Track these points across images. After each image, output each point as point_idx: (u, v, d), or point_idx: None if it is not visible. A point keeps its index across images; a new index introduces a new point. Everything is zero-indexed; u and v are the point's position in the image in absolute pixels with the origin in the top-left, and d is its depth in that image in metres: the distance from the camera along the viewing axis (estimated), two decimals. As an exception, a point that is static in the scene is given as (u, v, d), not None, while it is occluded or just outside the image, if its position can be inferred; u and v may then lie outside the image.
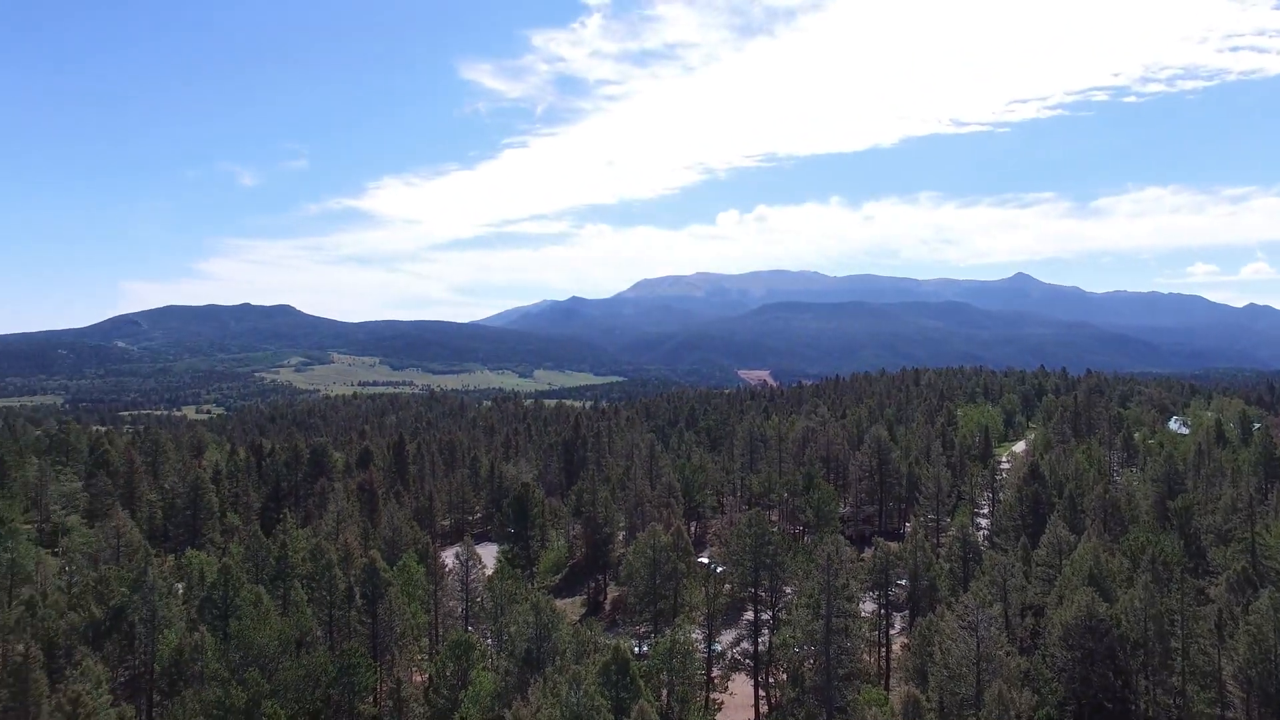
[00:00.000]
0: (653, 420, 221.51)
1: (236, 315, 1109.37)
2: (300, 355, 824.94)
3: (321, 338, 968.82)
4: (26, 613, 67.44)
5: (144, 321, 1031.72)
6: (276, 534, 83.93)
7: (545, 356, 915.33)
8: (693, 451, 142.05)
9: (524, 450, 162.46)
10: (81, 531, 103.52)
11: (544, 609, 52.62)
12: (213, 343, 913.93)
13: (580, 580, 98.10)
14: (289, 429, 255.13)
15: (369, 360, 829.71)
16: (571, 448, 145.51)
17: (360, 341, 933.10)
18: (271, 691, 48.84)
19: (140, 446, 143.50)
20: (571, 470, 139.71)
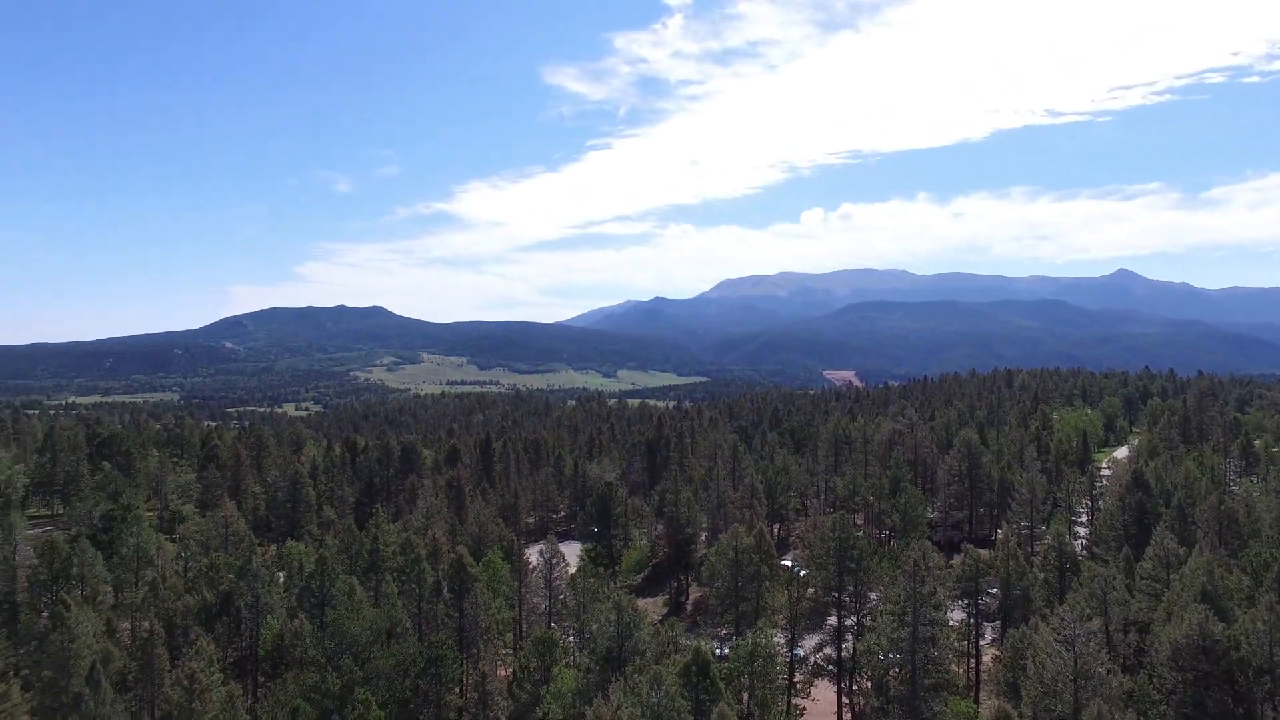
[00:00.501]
0: (736, 421, 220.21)
1: (333, 317, 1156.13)
2: (392, 355, 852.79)
3: (412, 338, 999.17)
4: (150, 593, 72.13)
5: (249, 323, 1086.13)
6: (369, 528, 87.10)
7: (629, 356, 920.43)
8: (776, 453, 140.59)
9: (607, 450, 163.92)
10: (195, 520, 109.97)
11: (626, 608, 52.97)
12: (311, 343, 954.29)
13: (662, 580, 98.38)
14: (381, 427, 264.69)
15: (457, 360, 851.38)
16: (654, 448, 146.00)
17: (449, 342, 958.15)
18: (364, 679, 50.79)
19: (245, 442, 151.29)
20: (654, 470, 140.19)
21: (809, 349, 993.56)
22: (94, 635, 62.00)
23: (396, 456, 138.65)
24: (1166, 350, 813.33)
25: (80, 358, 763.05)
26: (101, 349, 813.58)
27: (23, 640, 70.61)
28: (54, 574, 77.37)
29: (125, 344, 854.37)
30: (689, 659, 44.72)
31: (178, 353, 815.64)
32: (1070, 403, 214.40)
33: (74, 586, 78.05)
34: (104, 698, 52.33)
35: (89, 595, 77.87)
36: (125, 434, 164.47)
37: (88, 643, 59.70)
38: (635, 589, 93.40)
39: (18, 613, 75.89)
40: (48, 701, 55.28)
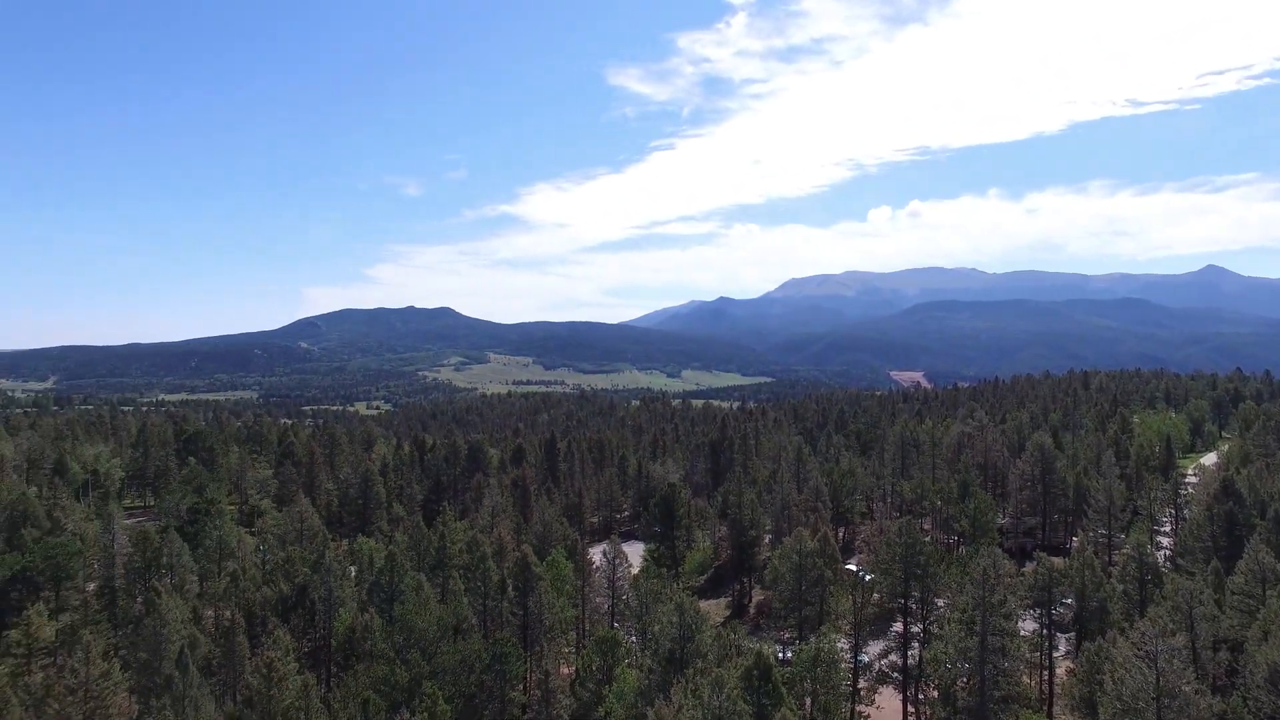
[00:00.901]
0: (801, 422, 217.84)
1: (402, 317, 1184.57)
2: (459, 355, 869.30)
3: (479, 338, 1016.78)
4: (231, 584, 75.47)
5: (323, 324, 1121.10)
6: (437, 525, 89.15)
7: (693, 357, 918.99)
8: (841, 455, 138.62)
9: (671, 450, 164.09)
10: (272, 514, 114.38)
11: (688, 610, 53.05)
12: (381, 343, 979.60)
13: (725, 582, 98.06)
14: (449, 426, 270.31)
15: (523, 360, 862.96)
16: (718, 449, 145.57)
17: (515, 342, 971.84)
18: (431, 673, 52.04)
19: (320, 440, 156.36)
20: (718, 471, 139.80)
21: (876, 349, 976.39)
22: (182, 622, 65.18)
23: (463, 455, 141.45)
24: (1261, 350, 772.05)
25: (169, 358, 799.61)
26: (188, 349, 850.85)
27: (121, 623, 74.67)
28: (146, 562, 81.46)
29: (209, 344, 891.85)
30: (751, 662, 44.56)
31: (257, 353, 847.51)
32: (1152, 406, 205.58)
33: (164, 575, 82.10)
34: (191, 680, 54.94)
35: (177, 584, 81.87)
36: (209, 431, 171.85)
37: (177, 628, 62.80)
38: (698, 590, 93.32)
39: (116, 597, 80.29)
40: (143, 681, 58.29)
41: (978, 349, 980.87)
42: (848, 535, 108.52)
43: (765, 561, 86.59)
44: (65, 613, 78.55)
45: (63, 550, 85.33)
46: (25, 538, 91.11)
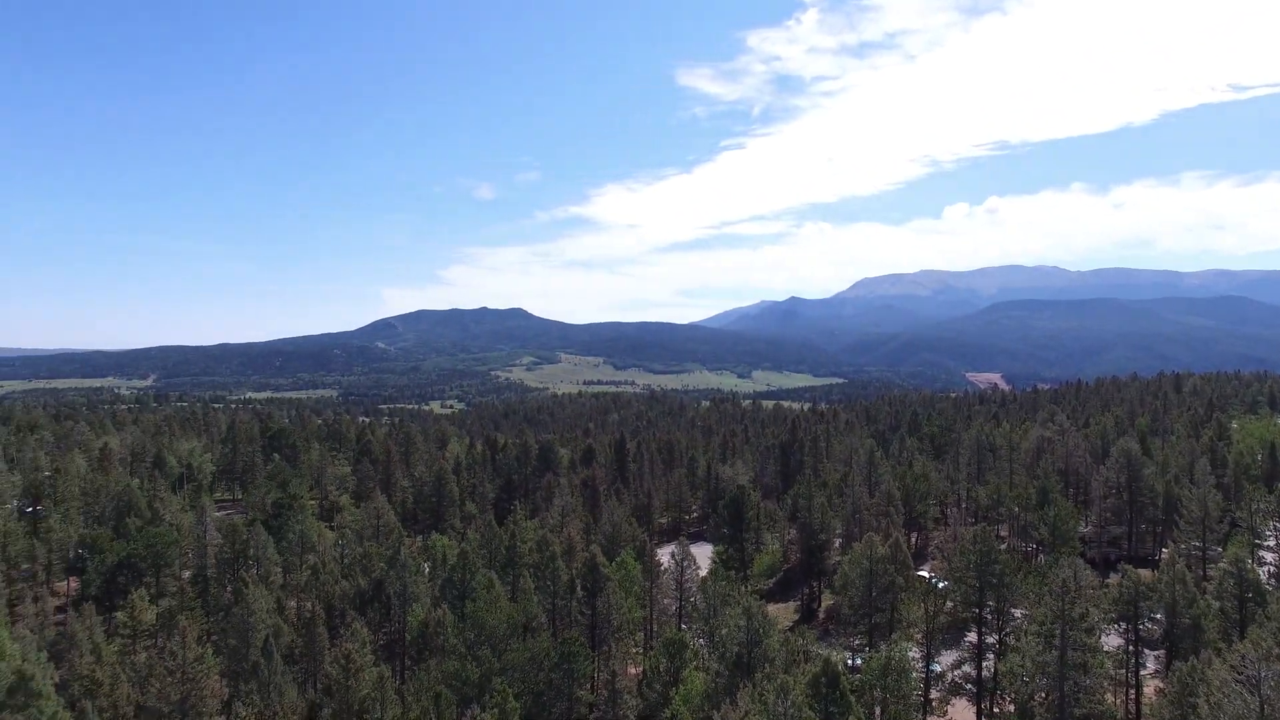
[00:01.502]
0: (873, 424, 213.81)
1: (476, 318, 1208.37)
2: (531, 355, 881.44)
3: (550, 338, 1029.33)
4: (312, 577, 78.57)
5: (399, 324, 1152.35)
6: (508, 524, 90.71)
7: (764, 357, 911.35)
8: (914, 459, 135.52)
9: (741, 452, 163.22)
10: (350, 510, 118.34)
11: (756, 614, 52.79)
12: (455, 343, 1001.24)
13: (794, 585, 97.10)
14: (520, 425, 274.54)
15: (593, 360, 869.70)
16: (788, 450, 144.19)
17: (585, 342, 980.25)
18: (501, 670, 53.10)
19: (395, 438, 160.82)
20: (788, 473, 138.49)
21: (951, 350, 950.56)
22: (267, 611, 68.16)
23: (534, 455, 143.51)
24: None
25: (256, 357, 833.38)
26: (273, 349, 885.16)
27: (213, 610, 78.52)
28: (235, 553, 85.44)
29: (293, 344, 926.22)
30: (819, 669, 44.07)
31: (336, 353, 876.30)
32: (1254, 410, 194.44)
33: (251, 566, 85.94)
34: (275, 667, 57.42)
35: (262, 575, 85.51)
36: (292, 429, 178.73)
37: (262, 618, 65.73)
38: (766, 594, 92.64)
39: (208, 585, 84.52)
40: (233, 666, 61.25)
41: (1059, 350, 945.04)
42: (920, 541, 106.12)
43: (835, 566, 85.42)
44: (164, 598, 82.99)
45: (162, 539, 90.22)
46: (130, 526, 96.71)
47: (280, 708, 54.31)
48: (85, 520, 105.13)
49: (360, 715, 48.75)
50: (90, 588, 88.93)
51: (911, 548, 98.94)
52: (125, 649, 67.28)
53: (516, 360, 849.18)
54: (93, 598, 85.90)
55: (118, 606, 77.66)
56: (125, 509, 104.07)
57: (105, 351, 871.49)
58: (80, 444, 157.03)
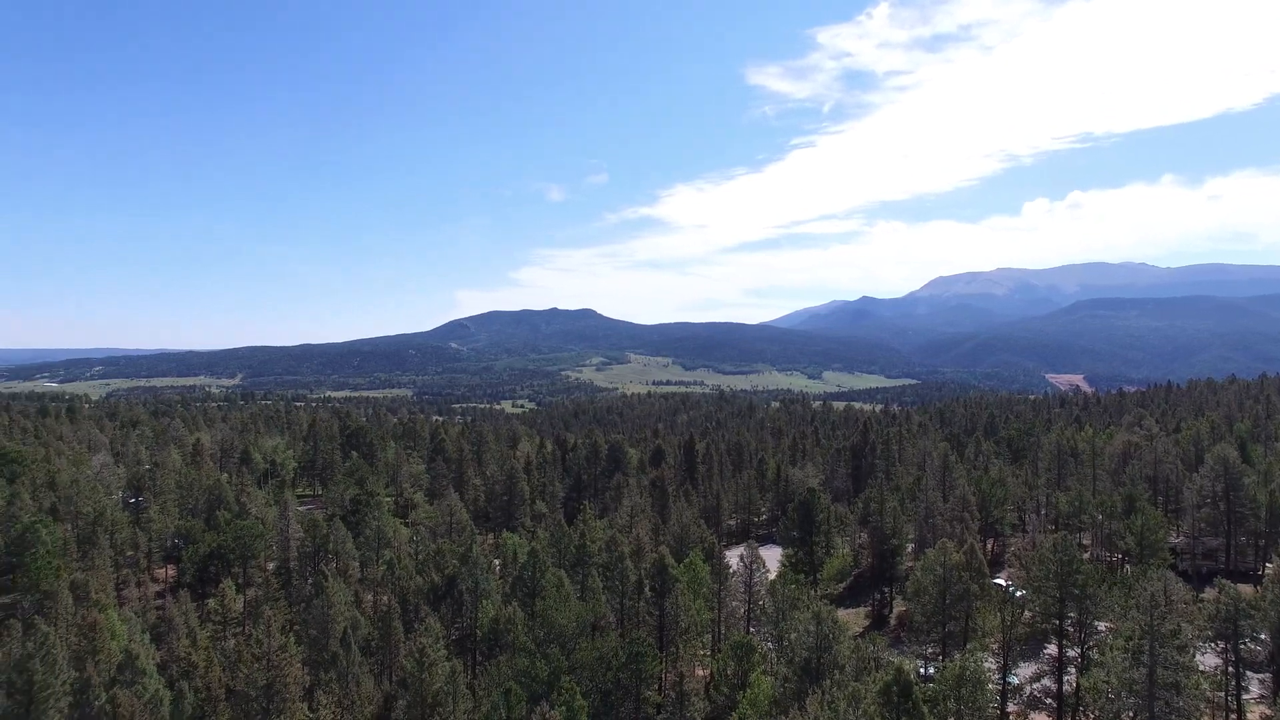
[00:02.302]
0: (947, 427, 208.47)
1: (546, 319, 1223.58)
2: (601, 355, 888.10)
3: (620, 339, 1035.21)
4: (388, 572, 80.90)
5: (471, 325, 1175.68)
6: (577, 523, 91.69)
7: (834, 357, 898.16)
8: (991, 463, 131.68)
9: (811, 454, 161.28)
10: (424, 507, 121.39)
11: (825, 619, 52.11)
12: (526, 343, 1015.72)
13: (865, 590, 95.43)
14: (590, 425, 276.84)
15: (662, 360, 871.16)
16: (860, 453, 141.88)
17: (654, 342, 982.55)
18: (569, 668, 53.75)
19: (468, 437, 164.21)
20: (859, 476, 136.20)
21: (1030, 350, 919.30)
22: (345, 604, 70.56)
23: (604, 455, 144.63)
24: None
25: (335, 357, 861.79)
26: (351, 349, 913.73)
27: (295, 601, 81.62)
28: (316, 547, 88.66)
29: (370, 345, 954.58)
30: (890, 678, 43.25)
31: (411, 353, 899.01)
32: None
33: (330, 560, 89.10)
34: (353, 658, 59.44)
35: (341, 568, 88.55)
36: (369, 427, 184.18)
37: (341, 610, 68.07)
38: (836, 598, 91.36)
39: (291, 577, 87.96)
40: (313, 655, 63.64)
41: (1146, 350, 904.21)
42: (996, 548, 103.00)
43: (907, 572, 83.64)
44: (250, 588, 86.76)
45: (249, 532, 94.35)
46: (220, 519, 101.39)
47: (358, 697, 56.23)
48: (180, 512, 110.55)
49: (433, 708, 50.02)
50: (185, 575, 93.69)
51: (987, 555, 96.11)
52: (216, 635, 70.56)
53: (586, 360, 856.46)
54: (187, 585, 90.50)
55: (209, 594, 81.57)
56: (216, 502, 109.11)
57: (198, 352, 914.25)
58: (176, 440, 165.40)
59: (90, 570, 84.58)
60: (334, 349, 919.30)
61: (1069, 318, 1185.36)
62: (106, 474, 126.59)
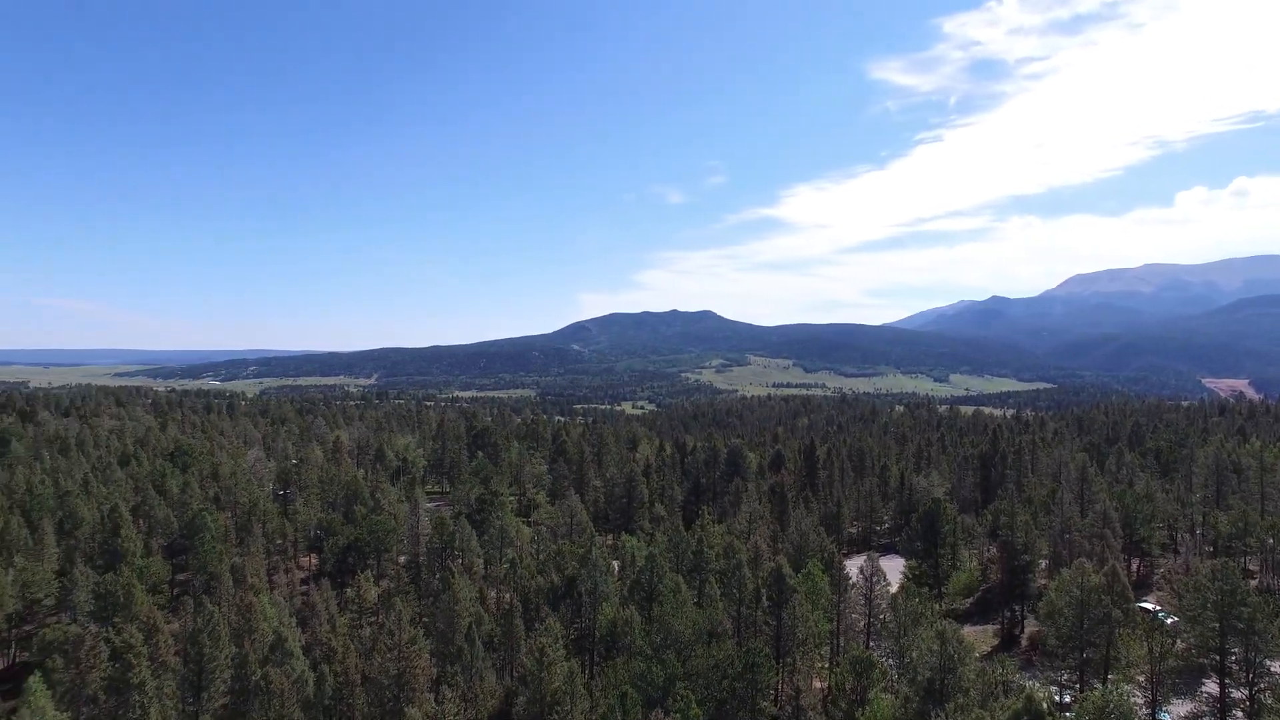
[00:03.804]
0: (1086, 435, 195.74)
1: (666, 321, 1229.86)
2: (720, 357, 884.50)
3: (739, 340, 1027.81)
4: (510, 570, 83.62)
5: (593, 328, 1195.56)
6: (695, 528, 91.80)
7: (962, 360, 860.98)
8: (1136, 476, 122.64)
9: (936, 462, 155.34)
10: (546, 508, 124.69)
11: (950, 638, 50.11)
12: (646, 345, 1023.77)
13: (993, 608, 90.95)
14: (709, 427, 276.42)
15: (783, 362, 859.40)
16: (989, 462, 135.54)
17: (774, 344, 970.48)
18: (685, 675, 53.93)
19: (588, 439, 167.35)
20: (988, 486, 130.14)
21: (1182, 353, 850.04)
22: (470, 600, 73.40)
23: (723, 459, 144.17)
24: None
25: (463, 358, 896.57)
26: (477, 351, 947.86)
27: (424, 594, 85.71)
28: (443, 543, 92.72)
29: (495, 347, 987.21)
30: (1021, 705, 41.26)
31: (534, 354, 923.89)
32: None
33: (456, 556, 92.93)
34: (477, 653, 61.81)
35: (466, 565, 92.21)
36: (494, 428, 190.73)
37: (466, 606, 70.90)
38: (961, 615, 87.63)
39: (420, 572, 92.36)
40: (440, 648, 66.66)
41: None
42: (1143, 569, 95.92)
43: (1040, 591, 79.16)
44: (383, 580, 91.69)
45: (382, 527, 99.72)
46: (357, 513, 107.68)
47: (481, 691, 58.45)
48: (322, 505, 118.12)
49: (551, 706, 51.34)
50: (326, 565, 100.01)
51: (1132, 576, 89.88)
52: (353, 623, 74.97)
53: (705, 362, 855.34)
54: (328, 574, 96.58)
55: (347, 584, 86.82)
56: (353, 497, 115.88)
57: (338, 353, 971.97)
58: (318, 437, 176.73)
59: (246, 556, 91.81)
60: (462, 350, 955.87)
61: (1230, 316, 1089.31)
62: (259, 467, 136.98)
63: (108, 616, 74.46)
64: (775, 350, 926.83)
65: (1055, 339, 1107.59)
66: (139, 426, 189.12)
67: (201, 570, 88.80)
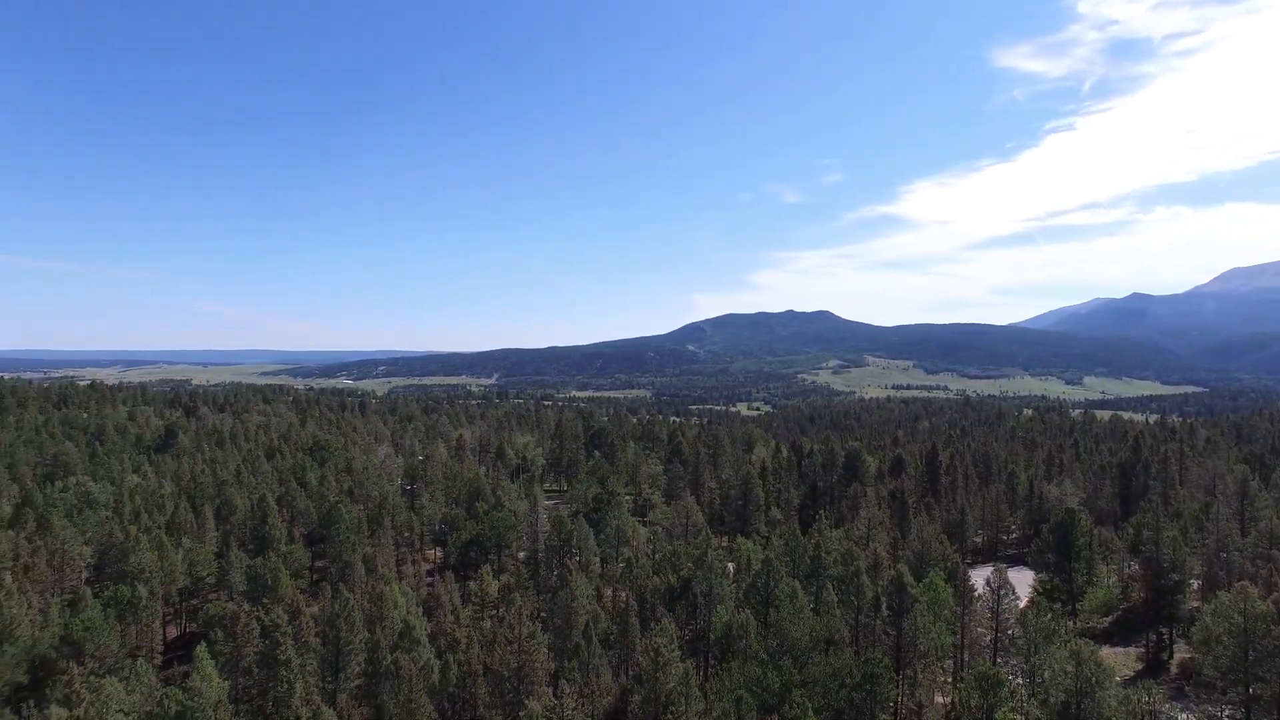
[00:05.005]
0: (1245, 444, 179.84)
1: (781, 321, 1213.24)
2: (837, 358, 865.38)
3: (857, 341, 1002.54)
4: (626, 570, 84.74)
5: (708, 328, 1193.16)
6: (812, 533, 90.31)
7: (1098, 361, 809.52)
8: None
9: (1069, 469, 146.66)
10: (661, 508, 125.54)
11: (1088, 660, 47.40)
12: (762, 346, 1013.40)
13: (1135, 629, 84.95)
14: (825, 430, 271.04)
15: (902, 364, 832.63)
16: (1129, 471, 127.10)
17: (894, 344, 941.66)
18: (801, 682, 53.19)
19: (704, 440, 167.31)
20: (1128, 498, 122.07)
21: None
22: (587, 598, 74.86)
23: (840, 462, 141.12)
24: None
25: (579, 359, 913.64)
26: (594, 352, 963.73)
27: (542, 590, 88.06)
28: (561, 541, 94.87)
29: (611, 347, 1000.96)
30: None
31: (650, 355, 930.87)
32: None
33: (574, 554, 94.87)
34: (594, 651, 62.95)
35: (583, 563, 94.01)
36: (610, 428, 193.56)
37: (583, 603, 72.35)
38: (1099, 634, 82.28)
39: (538, 568, 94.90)
40: (558, 643, 68.35)
41: None
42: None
43: (1192, 614, 73.45)
44: (503, 574, 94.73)
45: (503, 523, 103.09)
46: (479, 509, 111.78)
47: (597, 688, 59.49)
48: (446, 500, 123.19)
49: (666, 707, 51.70)
50: (450, 558, 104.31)
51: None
52: (475, 615, 77.87)
53: (822, 363, 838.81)
54: (451, 567, 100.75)
55: (469, 577, 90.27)
56: (475, 494, 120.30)
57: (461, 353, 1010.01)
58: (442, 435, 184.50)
59: (377, 547, 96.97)
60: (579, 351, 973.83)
61: None
62: (389, 463, 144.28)
63: (258, 597, 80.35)
64: (895, 351, 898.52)
65: (1206, 339, 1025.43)
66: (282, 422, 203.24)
67: (337, 558, 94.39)
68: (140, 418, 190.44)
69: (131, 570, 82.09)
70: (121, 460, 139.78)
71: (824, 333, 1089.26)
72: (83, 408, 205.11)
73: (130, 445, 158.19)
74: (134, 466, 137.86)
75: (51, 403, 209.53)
